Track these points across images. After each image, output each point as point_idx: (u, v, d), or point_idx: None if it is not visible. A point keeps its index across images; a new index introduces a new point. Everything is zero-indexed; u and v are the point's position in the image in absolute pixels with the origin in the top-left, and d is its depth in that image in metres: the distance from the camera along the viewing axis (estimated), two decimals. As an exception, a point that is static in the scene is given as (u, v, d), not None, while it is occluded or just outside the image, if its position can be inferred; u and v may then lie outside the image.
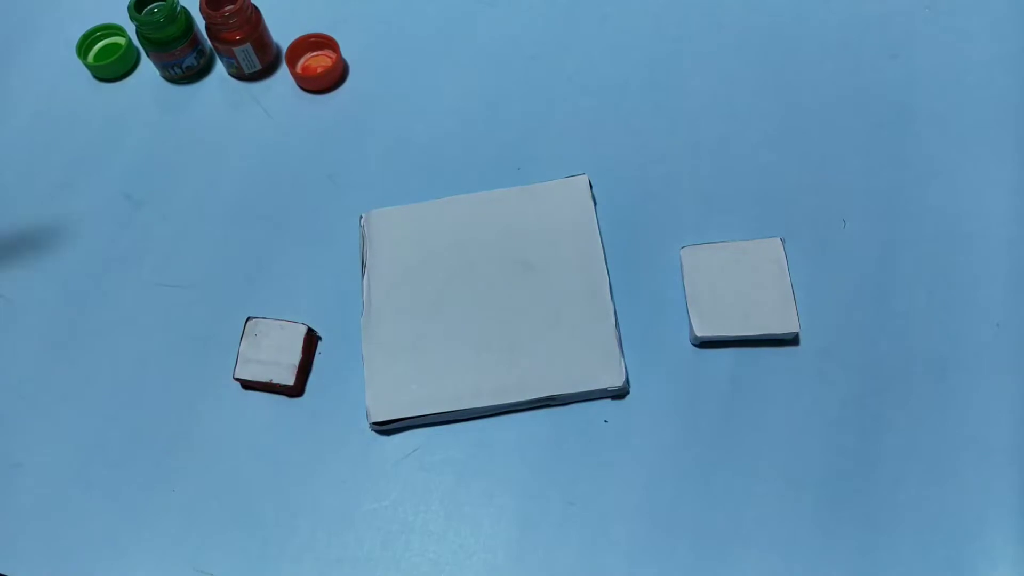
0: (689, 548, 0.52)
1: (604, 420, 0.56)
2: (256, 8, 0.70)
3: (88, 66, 0.72)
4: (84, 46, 0.73)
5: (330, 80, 0.71)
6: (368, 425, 0.57)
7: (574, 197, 0.62)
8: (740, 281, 0.57)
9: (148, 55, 0.71)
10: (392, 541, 0.54)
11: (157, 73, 0.73)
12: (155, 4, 0.70)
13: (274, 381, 0.57)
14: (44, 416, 0.60)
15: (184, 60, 0.71)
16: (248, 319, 0.59)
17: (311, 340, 0.59)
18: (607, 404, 0.57)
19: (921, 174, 0.63)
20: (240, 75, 0.72)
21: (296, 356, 0.58)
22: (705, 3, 0.72)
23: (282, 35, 0.73)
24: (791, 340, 0.57)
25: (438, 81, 0.71)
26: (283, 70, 0.72)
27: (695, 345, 0.58)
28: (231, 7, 0.67)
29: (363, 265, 0.61)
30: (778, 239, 0.58)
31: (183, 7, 0.69)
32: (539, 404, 0.56)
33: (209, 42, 0.71)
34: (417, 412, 0.56)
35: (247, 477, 0.57)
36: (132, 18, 0.67)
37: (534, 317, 0.58)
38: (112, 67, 0.72)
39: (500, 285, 0.59)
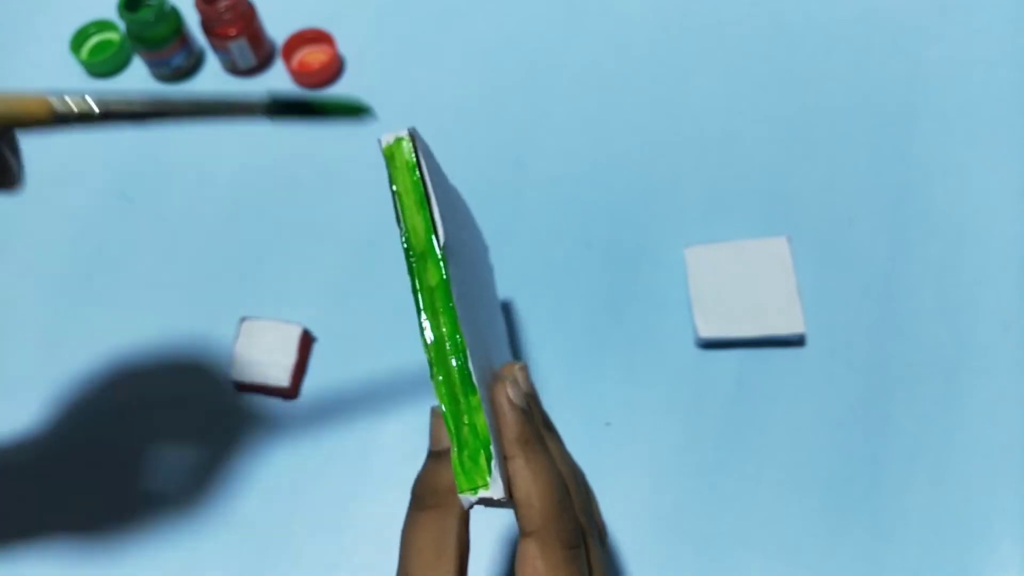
0: (693, 552, 0.51)
1: (606, 423, 0.55)
2: (250, 3, 0.69)
3: (82, 62, 0.71)
4: (78, 42, 0.72)
5: (326, 75, 0.69)
6: None
7: None
8: (745, 281, 0.56)
9: (137, 53, 0.70)
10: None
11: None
12: (146, 2, 0.69)
13: (269, 383, 0.56)
14: (35, 418, 0.58)
15: (172, 60, 0.69)
16: (242, 319, 0.58)
17: (306, 341, 0.58)
18: (608, 407, 0.56)
19: (929, 172, 0.62)
20: (235, 71, 0.71)
21: (291, 357, 0.57)
22: (708, -4, 0.71)
23: (277, 30, 0.72)
24: (797, 341, 0.56)
25: (436, 76, 0.70)
26: (278, 66, 0.71)
27: (699, 346, 0.57)
28: (226, 2, 0.66)
29: None
30: (784, 238, 0.57)
31: (172, 6, 0.68)
32: None
33: (200, 40, 0.70)
34: None
35: (240, 480, 0.56)
36: (122, 16, 0.66)
37: None
38: (107, 63, 0.71)
39: None
